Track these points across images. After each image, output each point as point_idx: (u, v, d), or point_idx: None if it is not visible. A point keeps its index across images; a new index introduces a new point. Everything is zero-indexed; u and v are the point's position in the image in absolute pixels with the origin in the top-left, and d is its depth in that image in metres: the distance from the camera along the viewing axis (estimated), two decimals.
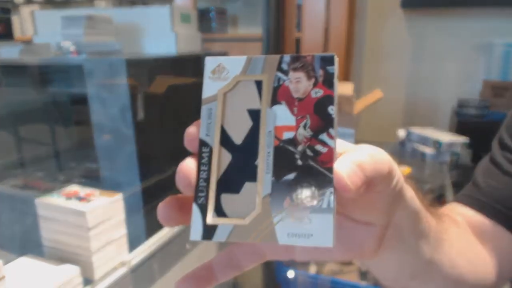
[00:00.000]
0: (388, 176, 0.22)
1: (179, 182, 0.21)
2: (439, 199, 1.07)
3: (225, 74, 0.22)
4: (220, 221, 0.20)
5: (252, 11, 2.50)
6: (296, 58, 0.21)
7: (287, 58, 0.22)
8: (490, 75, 2.01)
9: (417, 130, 1.39)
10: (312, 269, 0.82)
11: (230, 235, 0.20)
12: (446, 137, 1.33)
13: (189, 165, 0.21)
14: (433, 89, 2.17)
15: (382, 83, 2.18)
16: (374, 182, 0.21)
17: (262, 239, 0.20)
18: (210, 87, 0.22)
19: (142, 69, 1.10)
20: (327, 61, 0.21)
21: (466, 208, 0.45)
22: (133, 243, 0.82)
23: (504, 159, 0.45)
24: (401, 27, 2.16)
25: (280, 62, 0.22)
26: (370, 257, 0.27)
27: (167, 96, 1.13)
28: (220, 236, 0.20)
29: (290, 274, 0.80)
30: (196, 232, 0.20)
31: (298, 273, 0.79)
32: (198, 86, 0.24)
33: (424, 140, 1.34)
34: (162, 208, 0.22)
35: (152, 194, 1.05)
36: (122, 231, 0.78)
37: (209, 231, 0.20)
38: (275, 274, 0.82)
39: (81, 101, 1.03)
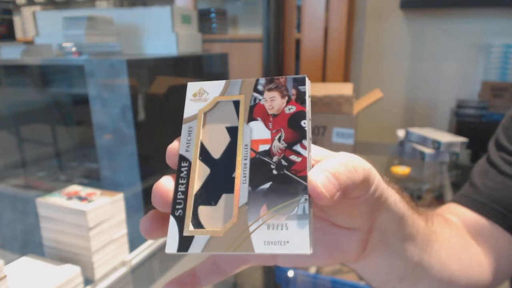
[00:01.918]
0: (363, 183, 0.23)
1: (155, 201, 0.22)
2: (438, 199, 1.08)
3: (205, 96, 0.24)
4: (196, 232, 0.20)
5: (253, 12, 2.51)
6: (270, 80, 0.23)
7: (262, 80, 0.23)
8: (489, 76, 2.01)
9: (416, 130, 1.39)
10: (312, 269, 0.83)
11: (205, 246, 0.20)
12: (445, 137, 1.33)
13: (164, 184, 0.22)
14: (432, 90, 2.18)
15: (381, 84, 2.18)
16: (348, 190, 0.21)
17: (238, 249, 0.20)
18: (191, 108, 0.24)
19: (143, 69, 1.10)
20: (299, 81, 0.23)
21: (463, 209, 0.45)
22: (134, 243, 0.83)
23: (500, 159, 0.45)
24: (401, 27, 2.16)
25: (256, 84, 0.23)
26: (353, 261, 0.27)
27: (168, 96, 1.13)
28: (195, 248, 0.20)
29: (290, 274, 0.80)
30: (172, 244, 0.20)
31: (298, 273, 0.80)
32: None
33: (423, 140, 1.35)
34: (145, 222, 0.22)
35: None
36: (122, 231, 0.78)
37: (185, 243, 0.20)
38: (274, 274, 0.83)
39: (82, 101, 1.03)
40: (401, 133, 1.48)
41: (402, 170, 1.21)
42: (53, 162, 1.26)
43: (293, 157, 0.21)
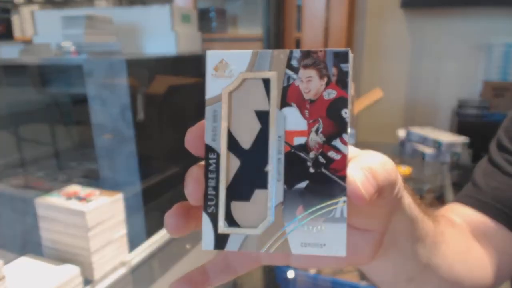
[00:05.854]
0: (394, 184, 0.22)
1: (190, 196, 0.20)
2: (439, 199, 1.07)
3: (228, 71, 0.20)
4: (232, 230, 0.20)
5: (252, 11, 2.50)
6: (307, 54, 0.20)
7: (297, 53, 0.20)
8: (490, 76, 2.01)
9: (417, 130, 1.39)
10: (312, 269, 0.82)
11: (242, 244, 0.20)
12: (446, 137, 1.33)
13: (198, 176, 0.20)
14: (433, 89, 2.18)
15: (382, 83, 2.18)
16: (383, 191, 0.21)
17: (275, 250, 0.19)
18: (213, 86, 0.20)
19: (142, 69, 1.10)
20: (341, 57, 0.20)
21: (466, 208, 0.45)
22: (133, 243, 0.83)
23: (503, 160, 0.45)
24: (401, 27, 2.16)
25: (289, 58, 0.20)
26: (366, 263, 0.27)
27: (167, 96, 1.13)
28: (232, 245, 0.20)
29: (290, 274, 0.80)
30: (208, 241, 0.20)
31: (298, 273, 0.79)
32: (198, 86, 0.23)
33: (424, 140, 1.35)
34: (170, 218, 0.21)
35: (152, 194, 1.05)
36: (122, 231, 0.78)
37: (221, 241, 0.20)
38: (275, 274, 0.82)
39: (81, 101, 1.03)
40: (402, 133, 1.47)
41: (403, 170, 1.20)
42: (52, 162, 1.26)
43: (331, 154, 0.19)
